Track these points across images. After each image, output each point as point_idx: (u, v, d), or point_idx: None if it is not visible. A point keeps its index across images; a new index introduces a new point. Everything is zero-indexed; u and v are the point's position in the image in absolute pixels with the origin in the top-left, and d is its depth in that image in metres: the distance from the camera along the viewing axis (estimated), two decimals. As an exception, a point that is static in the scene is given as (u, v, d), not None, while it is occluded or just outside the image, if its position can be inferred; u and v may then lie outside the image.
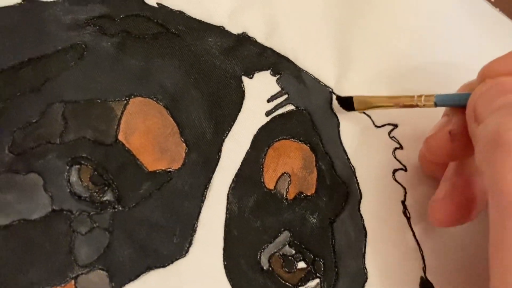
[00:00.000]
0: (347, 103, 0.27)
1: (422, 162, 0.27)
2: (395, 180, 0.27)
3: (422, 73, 0.29)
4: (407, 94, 0.26)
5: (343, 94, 0.28)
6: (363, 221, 0.26)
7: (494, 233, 0.19)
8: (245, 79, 0.26)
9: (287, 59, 0.27)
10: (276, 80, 0.27)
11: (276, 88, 0.27)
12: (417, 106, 0.25)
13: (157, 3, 0.26)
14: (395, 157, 0.28)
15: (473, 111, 0.22)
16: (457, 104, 0.24)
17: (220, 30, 0.26)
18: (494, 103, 0.21)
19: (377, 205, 0.27)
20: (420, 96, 0.25)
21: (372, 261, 0.26)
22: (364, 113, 0.28)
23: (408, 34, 0.30)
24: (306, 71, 0.28)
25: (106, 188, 0.23)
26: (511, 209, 0.18)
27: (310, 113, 0.27)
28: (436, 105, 0.25)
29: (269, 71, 0.27)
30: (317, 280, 0.25)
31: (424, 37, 0.30)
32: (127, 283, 0.22)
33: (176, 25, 0.26)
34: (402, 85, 0.29)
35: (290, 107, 0.26)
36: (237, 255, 0.24)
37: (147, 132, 0.24)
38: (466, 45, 0.30)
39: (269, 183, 0.25)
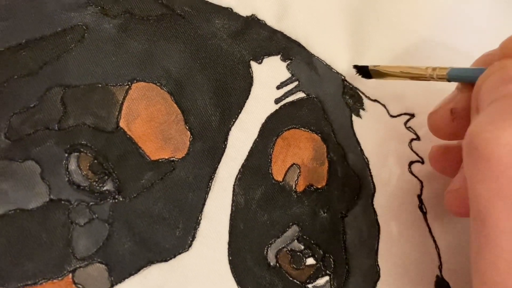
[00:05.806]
0: (364, 72, 0.26)
1: (432, 163, 0.26)
2: (411, 172, 0.27)
3: (442, 61, 0.28)
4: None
5: (356, 83, 0.27)
6: (376, 216, 0.26)
7: (472, 239, 0.19)
8: (253, 64, 0.25)
9: (298, 44, 0.27)
10: (286, 66, 0.26)
11: (286, 74, 0.26)
12: (429, 78, 0.24)
13: (162, -17, 0.25)
14: (412, 149, 0.27)
15: (476, 99, 0.21)
16: (470, 80, 0.23)
17: (227, 12, 0.26)
18: (494, 92, 0.19)
19: (391, 199, 0.26)
20: (434, 69, 0.24)
21: (385, 258, 0.25)
22: (379, 102, 0.27)
23: (428, 18, 0.29)
24: (317, 57, 0.27)
25: (106, 177, 0.22)
26: (484, 218, 0.18)
27: (321, 101, 0.26)
28: (449, 80, 0.23)
29: (279, 56, 0.26)
30: (326, 278, 0.24)
31: (446, 21, 0.29)
32: (127, 278, 0.22)
33: (182, 6, 0.25)
34: None
35: (300, 95, 0.26)
36: (242, 250, 0.23)
37: (150, 119, 0.23)
38: (496, 31, 0.29)
39: (278, 175, 0.25)
